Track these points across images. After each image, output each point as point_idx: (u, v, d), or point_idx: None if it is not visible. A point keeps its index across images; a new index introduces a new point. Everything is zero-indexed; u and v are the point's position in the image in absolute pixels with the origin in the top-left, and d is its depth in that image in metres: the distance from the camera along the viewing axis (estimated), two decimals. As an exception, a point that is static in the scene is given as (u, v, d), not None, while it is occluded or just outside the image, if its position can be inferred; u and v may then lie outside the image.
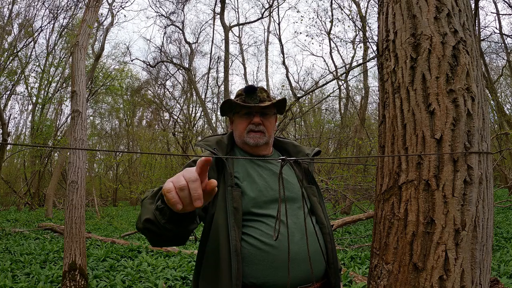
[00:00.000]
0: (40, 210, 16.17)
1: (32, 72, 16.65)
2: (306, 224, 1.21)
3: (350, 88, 18.07)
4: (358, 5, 13.89)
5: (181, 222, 0.96)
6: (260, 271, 1.17)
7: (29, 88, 16.48)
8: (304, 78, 33.01)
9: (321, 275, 1.27)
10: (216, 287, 1.16)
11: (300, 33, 27.36)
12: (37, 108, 17.31)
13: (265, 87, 1.42)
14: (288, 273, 1.12)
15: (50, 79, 16.88)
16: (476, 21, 10.12)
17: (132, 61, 23.71)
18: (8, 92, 15.68)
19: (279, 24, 32.20)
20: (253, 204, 1.24)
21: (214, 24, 18.19)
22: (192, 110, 22.19)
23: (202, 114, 20.33)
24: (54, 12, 15.92)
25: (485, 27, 14.96)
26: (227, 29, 13.44)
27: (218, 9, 14.85)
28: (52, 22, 16.39)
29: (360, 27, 13.93)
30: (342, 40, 17.71)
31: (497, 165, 11.47)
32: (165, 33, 24.63)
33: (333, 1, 15.01)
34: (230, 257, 1.14)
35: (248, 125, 1.36)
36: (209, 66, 19.75)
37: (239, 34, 27.69)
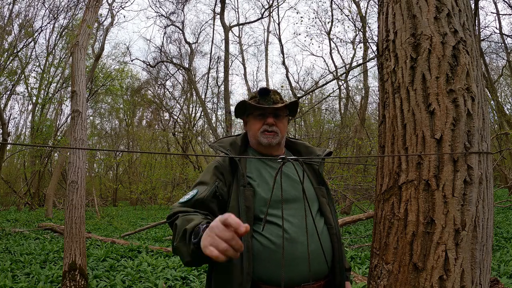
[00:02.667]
0: (40, 210, 16.16)
1: (32, 72, 16.66)
2: (308, 224, 1.26)
3: (350, 88, 18.08)
4: (358, 5, 13.89)
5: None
6: (267, 268, 1.24)
7: (29, 88, 16.48)
8: (304, 78, 33.05)
9: (325, 273, 1.31)
10: (227, 280, 1.24)
11: (299, 34, 27.39)
12: (37, 108, 17.30)
13: (278, 91, 1.48)
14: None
15: (50, 79, 16.87)
16: (476, 21, 10.11)
17: (132, 61, 23.75)
18: (8, 92, 15.67)
19: (279, 24, 32.21)
20: (263, 204, 1.30)
21: (214, 24, 18.21)
22: (192, 110, 22.21)
23: (202, 114, 20.32)
24: (54, 12, 15.92)
25: (485, 27, 14.96)
26: (227, 29, 13.45)
27: (218, 9, 14.86)
28: (52, 22, 16.39)
29: (360, 27, 13.94)
30: (342, 41, 17.73)
31: (497, 165, 11.46)
32: (165, 33, 24.66)
33: (333, 2, 15.00)
34: (242, 254, 1.21)
35: (262, 125, 1.41)
36: (209, 66, 19.77)
37: (239, 34, 27.70)
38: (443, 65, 1.02)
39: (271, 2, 15.82)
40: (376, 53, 1.28)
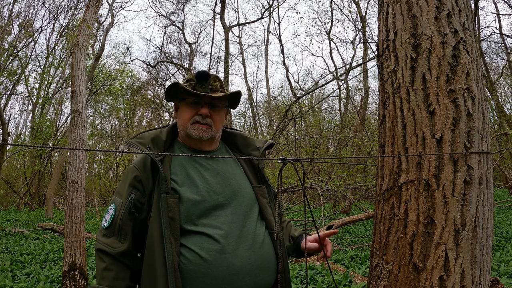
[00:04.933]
0: (40, 210, 16.15)
1: (32, 72, 16.66)
2: (245, 231, 1.12)
3: (350, 88, 18.09)
4: (358, 5, 13.90)
5: None
6: None
7: (29, 88, 16.48)
8: (304, 78, 33.10)
9: (269, 286, 1.18)
10: None
11: (299, 35, 27.46)
12: (37, 108, 17.30)
13: (219, 77, 1.27)
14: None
15: (50, 79, 16.88)
16: (476, 21, 10.11)
17: (132, 61, 23.85)
18: (8, 92, 15.68)
19: (279, 24, 32.30)
20: (193, 212, 1.11)
21: (214, 24, 18.17)
22: (192, 110, 22.16)
23: (202, 114, 20.27)
24: (54, 12, 15.92)
25: (485, 27, 14.97)
26: (227, 29, 13.44)
27: (218, 9, 14.86)
28: (52, 22, 16.41)
29: (360, 28, 13.95)
30: (342, 41, 17.74)
31: (497, 165, 11.46)
32: (165, 33, 24.61)
33: (333, 2, 15.01)
34: (167, 274, 1.04)
35: (194, 115, 1.20)
36: (209, 66, 19.72)
37: (239, 34, 27.65)
38: (443, 65, 1.02)
39: (271, 2, 15.83)
40: (376, 53, 1.28)
